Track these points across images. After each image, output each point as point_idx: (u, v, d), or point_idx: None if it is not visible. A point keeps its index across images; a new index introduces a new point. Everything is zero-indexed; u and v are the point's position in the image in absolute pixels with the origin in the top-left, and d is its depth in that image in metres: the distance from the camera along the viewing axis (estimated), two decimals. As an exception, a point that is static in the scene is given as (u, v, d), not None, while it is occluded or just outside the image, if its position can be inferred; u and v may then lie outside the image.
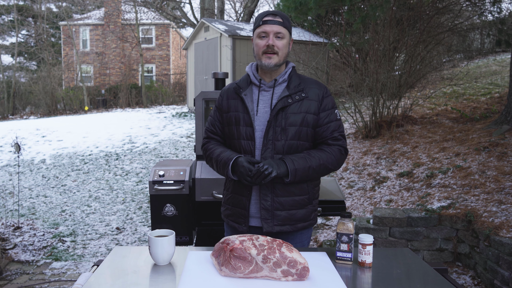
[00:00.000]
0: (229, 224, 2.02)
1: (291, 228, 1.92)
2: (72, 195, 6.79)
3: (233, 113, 1.94)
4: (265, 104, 1.91)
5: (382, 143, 6.39)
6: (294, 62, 9.92)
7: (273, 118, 1.86)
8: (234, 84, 1.99)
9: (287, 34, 1.89)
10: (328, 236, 4.21)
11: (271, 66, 1.86)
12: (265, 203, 1.89)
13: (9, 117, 18.09)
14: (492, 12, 8.10)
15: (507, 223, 3.22)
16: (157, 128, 11.74)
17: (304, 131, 1.88)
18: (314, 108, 1.89)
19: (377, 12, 6.58)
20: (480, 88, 8.93)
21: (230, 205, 1.99)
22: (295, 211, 1.91)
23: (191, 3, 19.68)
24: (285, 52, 1.88)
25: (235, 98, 1.95)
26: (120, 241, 4.80)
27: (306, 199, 1.93)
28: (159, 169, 2.95)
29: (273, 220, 1.89)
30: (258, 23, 1.89)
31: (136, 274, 1.54)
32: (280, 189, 1.88)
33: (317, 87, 1.93)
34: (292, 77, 1.93)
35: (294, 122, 1.87)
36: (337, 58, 10.28)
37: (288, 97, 1.87)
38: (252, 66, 1.99)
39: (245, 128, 1.90)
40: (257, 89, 1.94)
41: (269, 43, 1.84)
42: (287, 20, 1.89)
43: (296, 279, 1.46)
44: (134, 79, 23.09)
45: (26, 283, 3.76)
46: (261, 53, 1.87)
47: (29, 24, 26.65)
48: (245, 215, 1.93)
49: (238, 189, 1.95)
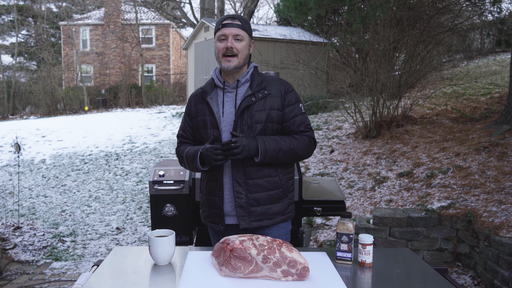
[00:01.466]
0: (208, 225, 2.08)
1: (270, 222, 1.96)
2: (72, 195, 6.79)
3: (201, 117, 2.00)
4: (230, 105, 1.97)
5: (382, 143, 6.39)
6: (294, 62, 9.96)
7: (239, 118, 1.92)
8: (200, 89, 2.06)
9: (246, 36, 1.95)
10: (328, 236, 4.21)
11: (231, 69, 1.93)
12: (239, 200, 1.93)
13: (9, 117, 18.09)
14: (492, 12, 8.11)
15: (507, 223, 3.22)
16: (157, 128, 11.74)
17: (270, 127, 1.94)
18: (278, 104, 1.95)
19: (377, 12, 6.58)
20: (480, 88, 8.93)
21: (206, 206, 2.05)
22: (270, 206, 1.96)
23: (191, 3, 19.68)
24: (245, 54, 1.94)
25: (201, 102, 2.02)
26: (120, 241, 4.80)
27: (280, 192, 1.97)
28: (159, 169, 2.95)
29: (249, 217, 1.94)
30: (218, 27, 1.95)
31: (136, 274, 1.54)
32: (253, 185, 1.93)
33: (279, 84, 1.99)
34: (254, 77, 1.99)
35: (259, 120, 1.92)
36: (337, 58, 10.28)
37: (252, 96, 1.93)
38: (216, 70, 2.05)
39: (212, 130, 1.96)
40: (222, 91, 1.99)
41: (228, 45, 1.91)
42: (246, 23, 1.96)
43: (296, 279, 1.46)
44: (134, 79, 23.08)
45: (26, 283, 3.77)
46: (221, 55, 1.94)
47: (29, 24, 26.65)
48: (220, 215, 1.98)
49: (211, 191, 2.00)
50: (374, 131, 6.89)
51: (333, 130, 8.12)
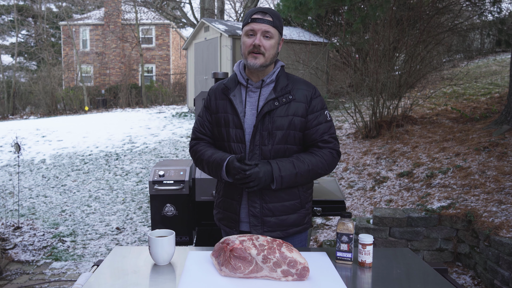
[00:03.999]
0: (222, 228, 2.00)
1: (282, 234, 1.87)
2: (72, 195, 6.79)
3: (222, 114, 1.87)
4: (252, 107, 1.85)
5: (382, 143, 6.39)
6: (294, 62, 9.96)
7: (260, 122, 1.80)
8: (222, 85, 1.91)
9: (277, 34, 1.80)
10: (328, 236, 4.21)
11: (257, 67, 1.78)
12: (253, 209, 1.84)
13: (9, 117, 18.09)
14: (492, 12, 8.11)
15: (507, 223, 3.22)
16: (157, 128, 11.74)
17: (292, 134, 1.82)
18: (302, 110, 1.82)
19: (377, 12, 6.58)
20: (480, 88, 8.93)
21: (222, 208, 1.95)
22: (285, 217, 1.85)
23: (191, 3, 19.69)
24: (272, 53, 1.80)
25: (223, 99, 1.88)
26: (120, 241, 4.80)
27: (297, 203, 1.87)
28: (159, 169, 2.95)
29: (262, 227, 1.85)
30: (247, 20, 1.80)
31: (136, 274, 1.54)
32: (269, 195, 1.83)
33: (306, 88, 1.85)
34: (280, 78, 1.85)
35: (280, 126, 1.80)
36: (337, 58, 10.29)
37: (275, 100, 1.80)
38: (240, 64, 1.91)
39: (235, 130, 1.83)
40: (245, 89, 1.86)
41: (256, 42, 1.76)
42: (278, 19, 1.80)
43: (296, 279, 1.46)
44: (134, 79, 23.09)
45: (26, 283, 3.77)
46: (247, 52, 1.79)
47: (29, 24, 26.64)
48: (236, 219, 1.88)
49: (229, 193, 1.90)
50: (374, 131, 6.89)
51: (333, 130, 8.11)
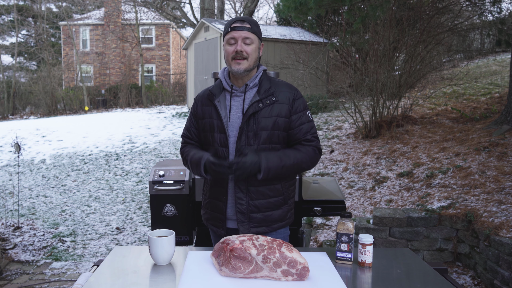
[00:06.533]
0: (209, 227, 2.10)
1: (268, 229, 1.97)
2: (72, 195, 6.79)
3: (208, 120, 1.98)
4: (238, 110, 1.94)
5: (382, 143, 6.39)
6: (294, 62, 9.96)
7: (245, 124, 1.90)
8: (208, 91, 2.03)
9: (256, 39, 1.92)
10: (328, 236, 4.21)
11: (241, 72, 1.89)
12: (240, 206, 1.94)
13: (9, 117, 18.09)
14: (492, 12, 8.11)
15: (507, 223, 3.23)
16: (157, 128, 11.74)
17: (276, 134, 1.92)
18: (285, 111, 1.92)
19: (377, 12, 6.58)
20: (480, 88, 8.93)
21: (209, 209, 2.06)
22: (270, 213, 1.96)
23: (191, 3, 19.68)
24: (254, 57, 1.91)
25: (208, 105, 1.99)
26: (120, 241, 4.80)
27: (281, 200, 1.98)
28: (159, 169, 2.95)
29: (249, 223, 1.95)
30: (227, 30, 1.92)
31: (136, 274, 1.54)
32: (255, 192, 1.94)
33: (288, 90, 1.96)
34: (263, 81, 1.96)
35: (265, 127, 1.90)
36: (337, 58, 10.28)
37: (259, 102, 1.90)
38: (224, 71, 2.01)
39: (219, 135, 1.94)
40: (229, 95, 1.97)
41: (237, 48, 1.87)
42: (256, 25, 1.93)
43: (296, 279, 1.46)
44: (134, 79, 23.08)
45: (26, 283, 3.77)
46: (230, 59, 1.90)
47: (29, 24, 26.65)
48: (223, 219, 1.99)
49: (215, 194, 2.01)
50: (374, 131, 6.89)
51: (333, 130, 8.13)
